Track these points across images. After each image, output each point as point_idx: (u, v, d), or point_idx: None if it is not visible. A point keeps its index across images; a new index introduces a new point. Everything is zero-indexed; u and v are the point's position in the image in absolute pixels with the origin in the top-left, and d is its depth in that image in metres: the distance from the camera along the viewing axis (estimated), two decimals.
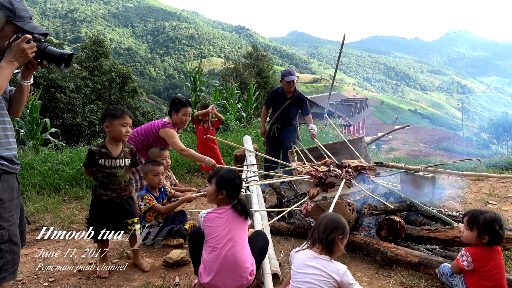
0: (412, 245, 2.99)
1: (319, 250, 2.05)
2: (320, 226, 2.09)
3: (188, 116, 3.99)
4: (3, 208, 1.82)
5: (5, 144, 1.88)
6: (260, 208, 3.47)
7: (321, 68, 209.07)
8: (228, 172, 2.43)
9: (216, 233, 2.25)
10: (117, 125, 2.69)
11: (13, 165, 1.90)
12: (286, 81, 5.10)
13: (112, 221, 2.78)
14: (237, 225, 2.29)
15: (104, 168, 2.71)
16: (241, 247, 2.25)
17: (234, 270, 2.20)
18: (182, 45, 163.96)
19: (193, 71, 12.56)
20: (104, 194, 2.73)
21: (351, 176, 3.56)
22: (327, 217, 2.14)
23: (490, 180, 5.68)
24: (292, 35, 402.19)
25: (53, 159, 5.84)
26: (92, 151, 2.72)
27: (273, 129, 5.32)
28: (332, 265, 2.00)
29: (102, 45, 23.71)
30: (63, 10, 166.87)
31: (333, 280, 1.97)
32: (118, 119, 2.69)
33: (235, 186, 2.37)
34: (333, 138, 9.33)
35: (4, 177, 1.84)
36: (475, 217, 2.19)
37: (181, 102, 3.91)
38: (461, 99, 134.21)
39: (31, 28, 1.87)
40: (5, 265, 1.81)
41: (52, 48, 1.92)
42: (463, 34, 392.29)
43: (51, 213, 4.37)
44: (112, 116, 2.69)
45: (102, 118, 2.76)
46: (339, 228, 2.06)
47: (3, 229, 1.80)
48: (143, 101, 32.20)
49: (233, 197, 2.37)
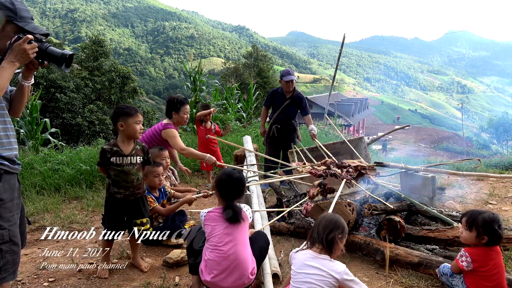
0: (412, 245, 2.99)
1: (319, 250, 2.05)
2: (319, 225, 2.10)
3: (188, 114, 4.01)
4: (4, 208, 1.82)
5: (6, 144, 1.88)
6: (260, 208, 3.47)
7: (321, 68, 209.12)
8: (228, 171, 2.40)
9: (216, 232, 2.24)
10: (132, 123, 2.73)
11: (14, 165, 1.90)
12: (285, 81, 5.10)
13: (125, 220, 2.84)
14: (238, 224, 2.29)
15: (116, 166, 2.74)
16: (242, 246, 2.24)
17: (236, 269, 2.20)
18: (182, 45, 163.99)
19: (193, 71, 12.55)
20: (117, 192, 2.76)
21: (351, 176, 3.56)
22: (326, 217, 2.15)
23: (490, 180, 5.68)
24: (292, 35, 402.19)
25: (53, 159, 5.83)
26: (104, 150, 2.75)
27: (272, 129, 5.32)
28: (332, 264, 2.01)
29: (102, 45, 23.70)
30: (63, 10, 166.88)
31: (333, 280, 1.97)
32: (132, 117, 2.73)
33: (226, 186, 2.31)
34: (333, 138, 9.33)
35: (5, 177, 1.84)
36: (474, 217, 2.19)
37: (180, 101, 3.92)
38: (461, 99, 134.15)
39: (32, 28, 1.87)
40: (5, 265, 1.81)
41: (53, 49, 1.93)
42: (463, 34, 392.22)
43: (51, 213, 4.36)
44: (126, 114, 2.73)
45: (115, 117, 2.77)
46: (339, 228, 2.07)
47: (4, 229, 1.80)
48: (143, 101, 32.20)
49: (227, 198, 2.31)
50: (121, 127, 2.74)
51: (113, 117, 2.79)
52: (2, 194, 1.81)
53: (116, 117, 2.75)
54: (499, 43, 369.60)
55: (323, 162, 3.97)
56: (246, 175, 4.31)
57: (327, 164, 3.87)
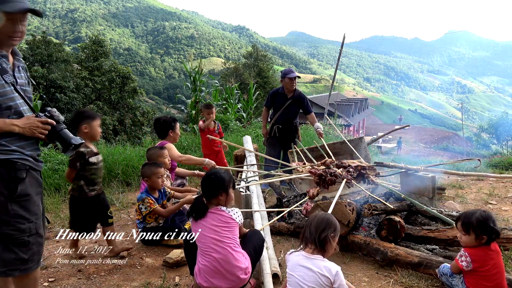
0: (412, 245, 2.99)
1: (312, 250, 2.05)
2: (311, 225, 2.09)
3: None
4: (31, 202, 1.95)
5: (30, 144, 2.00)
6: (260, 208, 3.47)
7: (321, 68, 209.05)
8: (209, 173, 2.44)
9: (202, 238, 2.28)
10: (95, 126, 2.97)
11: (37, 163, 2.03)
12: (288, 78, 5.09)
13: (99, 215, 3.06)
14: (223, 225, 2.29)
15: (93, 165, 2.97)
16: (231, 247, 2.26)
17: (227, 270, 2.22)
18: (182, 45, 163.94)
19: (193, 71, 12.55)
20: (92, 189, 2.99)
21: (351, 176, 3.55)
22: (317, 216, 2.14)
23: (490, 180, 5.68)
24: (292, 35, 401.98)
25: (53, 159, 5.83)
26: (82, 153, 2.89)
27: (274, 129, 5.31)
28: (325, 264, 2.00)
29: (102, 45, 23.67)
30: (63, 10, 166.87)
31: (326, 279, 1.97)
32: (96, 120, 2.98)
33: (207, 186, 2.35)
34: (333, 138, 9.32)
35: (30, 173, 1.97)
36: (467, 220, 2.19)
37: (173, 119, 4.08)
38: (461, 99, 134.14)
39: (50, 111, 2.05)
40: (31, 256, 1.95)
41: (66, 133, 2.08)
42: (463, 34, 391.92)
43: (51, 213, 4.37)
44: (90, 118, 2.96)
45: (76, 121, 2.94)
46: (331, 226, 2.06)
47: (31, 223, 1.94)
48: (143, 101, 32.14)
49: (209, 198, 2.35)
50: (85, 130, 2.93)
51: (74, 120, 2.97)
52: (29, 189, 1.94)
53: (79, 121, 2.93)
54: (499, 43, 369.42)
55: (323, 162, 3.97)
56: (246, 175, 4.31)
57: (327, 164, 3.87)
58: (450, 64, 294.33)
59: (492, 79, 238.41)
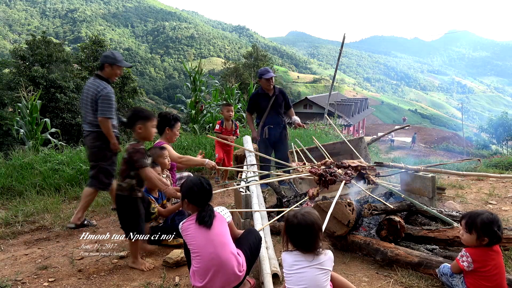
0: (412, 245, 2.98)
1: (304, 251, 2.05)
2: (293, 234, 2.05)
3: (179, 131, 4.06)
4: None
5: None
6: (260, 208, 3.47)
7: (321, 68, 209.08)
8: (190, 179, 2.41)
9: (193, 241, 2.27)
10: (150, 127, 2.91)
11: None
12: (265, 79, 5.11)
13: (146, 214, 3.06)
14: (214, 225, 2.28)
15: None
16: (222, 247, 2.25)
17: (220, 270, 2.22)
18: (182, 45, 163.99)
19: (193, 71, 12.54)
20: (139, 190, 2.92)
21: (350, 178, 3.55)
22: (297, 224, 2.04)
23: (490, 180, 5.68)
24: (292, 35, 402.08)
25: (53, 159, 5.84)
26: (146, 150, 2.88)
27: (265, 130, 5.29)
28: (318, 258, 2.02)
29: (102, 45, 23.69)
30: (63, 10, 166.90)
31: (325, 272, 2.02)
32: (150, 121, 2.91)
33: (194, 193, 2.32)
34: (333, 138, 9.33)
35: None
36: (473, 219, 2.19)
37: (175, 117, 3.95)
38: (461, 99, 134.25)
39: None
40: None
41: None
42: (463, 34, 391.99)
43: (51, 213, 4.36)
44: (145, 118, 2.89)
45: (132, 120, 2.88)
46: (314, 229, 2.02)
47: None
48: (143, 101, 32.15)
49: (198, 203, 2.33)
50: (139, 130, 2.88)
51: (130, 119, 2.90)
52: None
53: (135, 120, 2.88)
54: (499, 43, 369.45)
55: (323, 163, 3.97)
56: (246, 175, 4.31)
57: (327, 164, 3.87)
58: (450, 64, 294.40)
59: (492, 79, 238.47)
